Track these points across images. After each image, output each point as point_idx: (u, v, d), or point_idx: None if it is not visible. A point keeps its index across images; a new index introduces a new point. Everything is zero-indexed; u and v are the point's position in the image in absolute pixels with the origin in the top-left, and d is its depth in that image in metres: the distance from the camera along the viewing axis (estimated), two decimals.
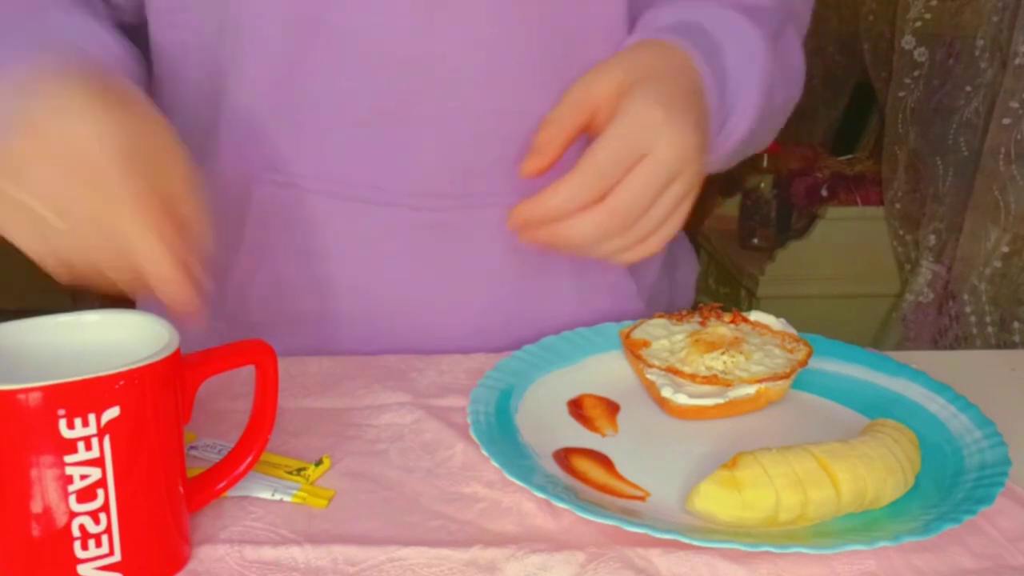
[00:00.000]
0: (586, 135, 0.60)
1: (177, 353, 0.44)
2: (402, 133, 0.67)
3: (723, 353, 0.61)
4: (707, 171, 0.64)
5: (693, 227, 2.14)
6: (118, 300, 0.61)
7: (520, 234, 0.59)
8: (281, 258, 0.71)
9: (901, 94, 1.81)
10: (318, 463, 0.54)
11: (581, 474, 0.53)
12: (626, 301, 0.76)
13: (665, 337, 0.64)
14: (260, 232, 0.70)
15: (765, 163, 1.95)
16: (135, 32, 0.69)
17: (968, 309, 1.63)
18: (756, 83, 0.66)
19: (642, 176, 0.57)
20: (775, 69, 0.68)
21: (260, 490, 0.51)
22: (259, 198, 0.69)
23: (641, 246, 0.60)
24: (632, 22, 0.71)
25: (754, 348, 0.63)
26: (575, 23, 0.68)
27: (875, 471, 0.49)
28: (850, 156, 2.05)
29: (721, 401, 0.58)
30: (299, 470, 0.53)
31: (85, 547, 0.41)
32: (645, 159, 0.57)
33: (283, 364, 0.50)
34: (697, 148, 0.59)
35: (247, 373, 0.50)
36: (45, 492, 0.40)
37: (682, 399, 0.58)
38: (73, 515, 0.41)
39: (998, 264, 1.57)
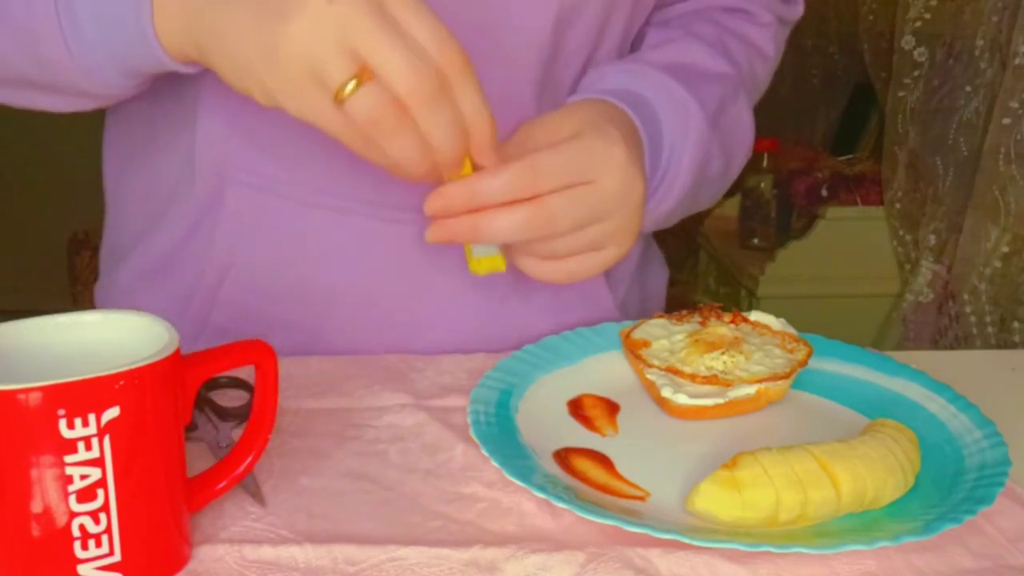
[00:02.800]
0: None
1: (177, 353, 0.44)
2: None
3: (723, 353, 0.61)
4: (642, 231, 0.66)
5: (693, 227, 2.15)
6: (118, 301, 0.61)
7: (434, 225, 0.56)
8: (253, 261, 0.70)
9: (901, 94, 1.81)
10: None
11: (581, 474, 0.53)
12: (603, 312, 0.75)
13: (665, 337, 0.64)
14: (233, 234, 0.69)
15: (765, 163, 1.95)
16: None
17: (968, 309, 1.63)
18: (688, 160, 0.66)
19: (580, 195, 0.56)
20: (713, 144, 0.68)
21: None
22: (233, 199, 0.68)
23: (548, 265, 0.59)
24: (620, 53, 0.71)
25: (754, 348, 0.63)
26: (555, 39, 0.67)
27: (875, 471, 0.49)
28: (850, 156, 2.05)
29: (721, 401, 0.58)
30: None
31: (85, 547, 0.41)
32: (589, 183, 0.56)
33: (283, 364, 0.50)
34: (641, 198, 0.59)
35: (247, 373, 0.50)
36: (45, 492, 0.40)
37: (682, 399, 0.58)
38: (73, 515, 0.41)
39: (998, 264, 1.57)
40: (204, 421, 0.57)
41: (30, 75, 0.59)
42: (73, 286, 2.39)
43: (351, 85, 0.48)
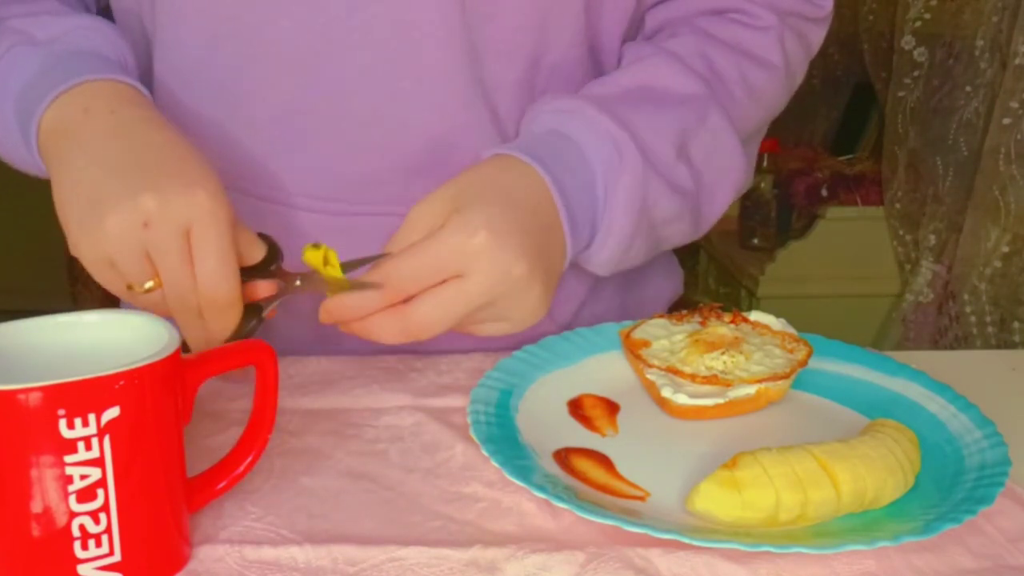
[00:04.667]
0: None
1: (177, 353, 0.44)
2: (298, 134, 0.67)
3: (723, 353, 0.61)
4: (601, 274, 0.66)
5: None
6: (118, 300, 0.61)
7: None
8: None
9: (901, 94, 1.81)
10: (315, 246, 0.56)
11: (581, 474, 0.53)
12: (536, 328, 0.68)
13: (665, 337, 0.64)
14: None
15: (765, 163, 1.95)
16: None
17: (968, 309, 1.63)
18: (623, 200, 0.63)
19: (448, 297, 0.56)
20: (661, 182, 0.64)
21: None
22: None
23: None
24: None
25: (754, 348, 0.63)
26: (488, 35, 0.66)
27: (875, 471, 0.49)
28: (850, 156, 2.05)
29: (721, 401, 0.58)
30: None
31: (85, 547, 0.41)
32: (454, 281, 0.56)
33: (283, 364, 0.50)
34: (524, 276, 0.57)
35: (247, 372, 0.50)
36: (45, 492, 0.40)
37: (682, 399, 0.58)
38: (73, 515, 0.41)
39: (998, 264, 1.57)
40: None
41: None
42: (73, 286, 2.39)
43: (149, 284, 0.56)
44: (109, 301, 0.64)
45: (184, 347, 0.46)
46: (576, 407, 0.60)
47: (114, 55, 0.65)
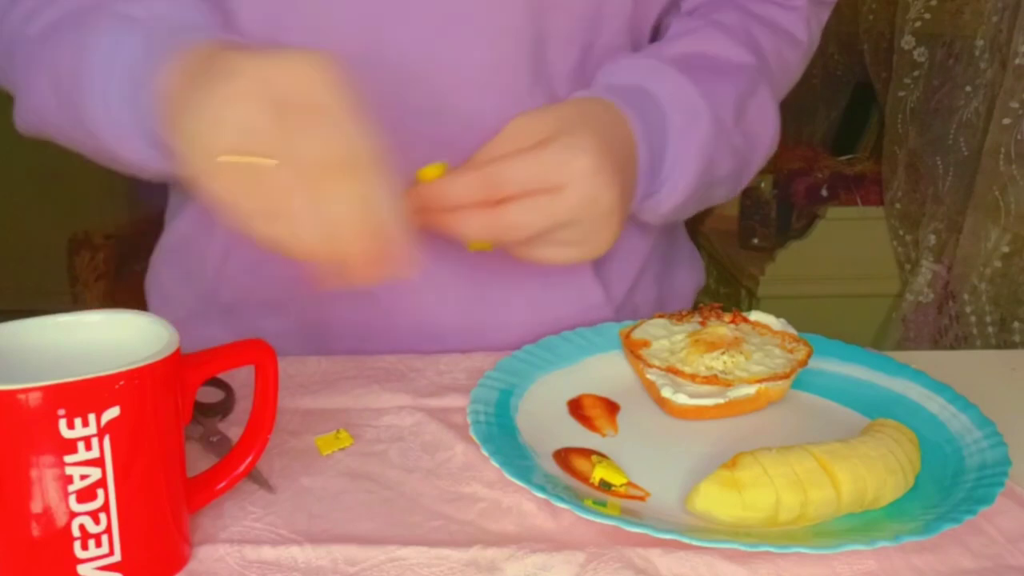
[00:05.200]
0: None
1: (177, 353, 0.44)
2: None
3: (723, 353, 0.61)
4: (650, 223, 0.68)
5: (693, 227, 2.14)
6: (118, 301, 0.61)
7: (415, 216, 0.57)
8: (251, 250, 0.71)
9: (901, 94, 1.81)
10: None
11: (581, 474, 0.53)
12: (593, 310, 0.74)
13: (665, 337, 0.64)
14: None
15: (765, 163, 1.95)
16: None
17: (968, 309, 1.63)
18: (693, 162, 0.66)
19: (540, 204, 0.57)
20: (723, 145, 0.68)
21: None
22: None
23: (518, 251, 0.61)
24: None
25: (754, 348, 0.63)
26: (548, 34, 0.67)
27: (875, 471, 0.49)
28: (850, 156, 2.05)
29: (721, 401, 0.58)
30: None
31: (85, 547, 0.41)
32: (551, 191, 0.57)
33: (283, 364, 0.50)
34: (609, 208, 0.59)
35: (247, 373, 0.50)
36: (45, 492, 0.40)
37: (682, 399, 0.58)
38: (73, 515, 0.41)
39: (998, 264, 1.57)
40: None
41: (74, 137, 0.64)
42: (73, 286, 2.39)
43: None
44: (109, 301, 0.64)
45: (184, 347, 0.46)
46: (576, 407, 0.60)
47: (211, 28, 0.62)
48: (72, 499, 0.41)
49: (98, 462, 0.41)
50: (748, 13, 0.74)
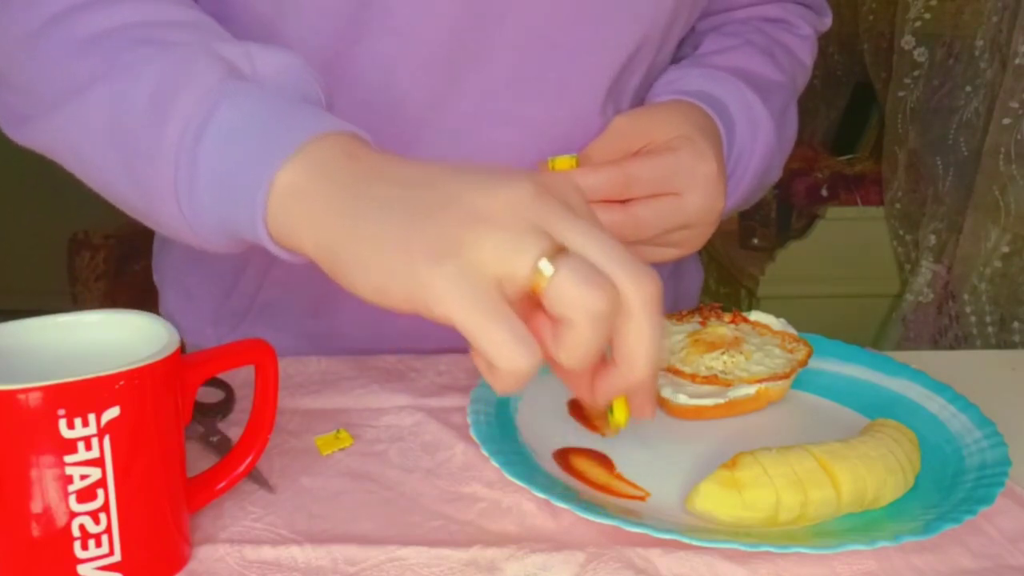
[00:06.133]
0: None
1: (177, 353, 0.44)
2: (443, 136, 0.65)
3: (723, 353, 0.61)
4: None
5: None
6: (118, 301, 0.61)
7: None
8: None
9: (901, 94, 1.81)
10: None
11: (581, 474, 0.53)
12: None
13: (665, 337, 0.64)
14: None
15: None
16: None
17: (968, 309, 1.63)
18: (754, 168, 0.69)
19: (666, 207, 0.59)
20: (777, 153, 0.71)
21: None
22: None
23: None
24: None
25: (754, 348, 0.63)
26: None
27: (875, 471, 0.49)
28: (850, 156, 2.05)
29: (721, 401, 0.58)
30: None
31: (85, 547, 0.41)
32: (675, 195, 0.60)
33: (283, 364, 0.50)
34: (720, 214, 0.62)
35: (247, 373, 0.50)
36: (45, 492, 0.40)
37: (682, 399, 0.58)
38: (73, 515, 0.41)
39: (998, 264, 1.57)
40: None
41: (136, 207, 0.53)
42: (73, 286, 2.39)
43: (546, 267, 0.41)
44: (109, 301, 0.64)
45: (183, 347, 0.46)
46: (576, 407, 0.60)
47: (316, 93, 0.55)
48: (72, 499, 0.41)
49: (98, 462, 0.41)
50: (769, 37, 0.77)
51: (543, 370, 0.63)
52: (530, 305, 0.43)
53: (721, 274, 2.14)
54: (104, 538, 0.42)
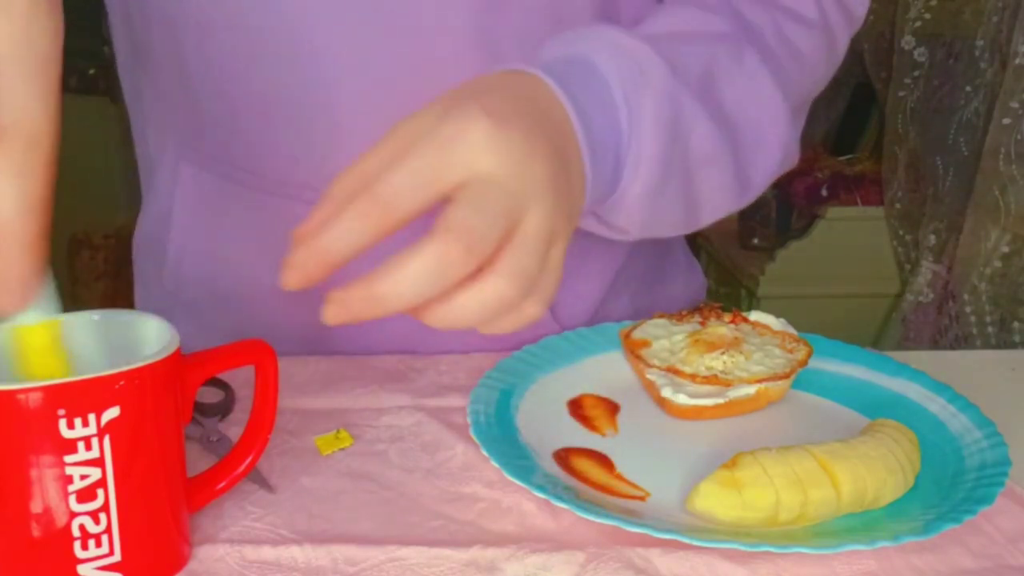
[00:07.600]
0: None
1: (177, 353, 0.44)
2: (313, 127, 0.64)
3: (723, 353, 0.61)
4: (631, 235, 0.57)
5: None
6: (118, 301, 0.61)
7: (328, 305, 0.42)
8: (209, 238, 0.71)
9: (901, 94, 1.81)
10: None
11: (581, 474, 0.53)
12: (540, 326, 0.67)
13: (665, 337, 0.64)
14: (188, 210, 0.70)
15: None
16: None
17: (968, 309, 1.63)
18: (651, 117, 0.53)
19: (530, 233, 0.43)
20: (694, 107, 0.56)
21: None
22: (184, 177, 0.69)
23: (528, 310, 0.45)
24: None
25: (754, 348, 0.63)
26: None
27: (875, 471, 0.49)
28: (850, 156, 2.05)
29: (721, 401, 0.58)
30: None
31: (85, 547, 0.41)
32: (461, 185, 0.42)
33: (283, 364, 0.50)
34: (546, 172, 0.44)
35: (247, 373, 0.50)
36: (45, 492, 0.40)
37: (682, 399, 0.58)
38: (73, 515, 0.41)
39: (998, 264, 1.57)
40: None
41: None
42: (73, 286, 2.39)
43: None
44: (109, 301, 0.64)
45: (184, 347, 0.46)
46: (576, 407, 0.60)
47: None
48: (72, 499, 0.41)
49: (98, 462, 0.41)
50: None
51: (542, 370, 0.64)
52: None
53: (721, 274, 2.14)
54: (104, 538, 0.42)
